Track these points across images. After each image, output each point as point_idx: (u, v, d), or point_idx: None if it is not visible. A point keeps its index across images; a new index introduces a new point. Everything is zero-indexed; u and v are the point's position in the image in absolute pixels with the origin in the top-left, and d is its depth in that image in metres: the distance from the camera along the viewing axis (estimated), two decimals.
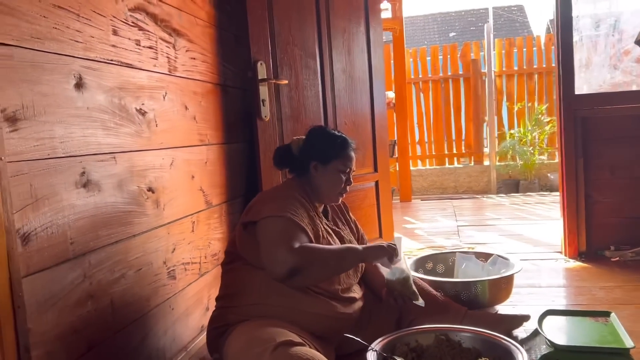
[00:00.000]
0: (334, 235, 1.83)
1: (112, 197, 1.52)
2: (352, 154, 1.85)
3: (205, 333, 1.78)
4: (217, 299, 1.78)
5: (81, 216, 1.39)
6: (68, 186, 1.34)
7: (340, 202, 1.90)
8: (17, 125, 1.19)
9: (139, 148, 1.66)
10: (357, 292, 1.84)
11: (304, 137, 1.89)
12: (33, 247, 1.22)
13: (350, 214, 2.05)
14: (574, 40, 2.91)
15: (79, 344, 1.36)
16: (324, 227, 1.79)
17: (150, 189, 1.72)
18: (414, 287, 1.74)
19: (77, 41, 1.39)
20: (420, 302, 1.74)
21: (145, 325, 1.67)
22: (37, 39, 1.26)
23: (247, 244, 1.69)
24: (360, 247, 1.70)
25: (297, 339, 1.47)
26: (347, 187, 1.85)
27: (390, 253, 1.68)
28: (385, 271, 1.81)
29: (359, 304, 1.82)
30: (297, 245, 1.55)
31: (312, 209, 1.77)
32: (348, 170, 1.83)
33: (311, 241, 1.64)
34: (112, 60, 1.54)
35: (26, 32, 1.22)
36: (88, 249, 1.41)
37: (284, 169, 1.93)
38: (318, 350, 1.53)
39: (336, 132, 1.89)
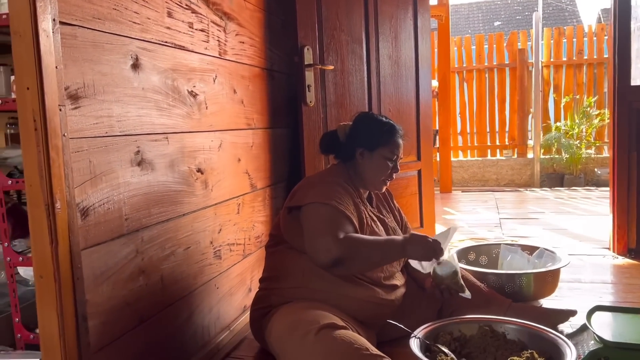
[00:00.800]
0: (378, 222, 1.82)
1: (164, 177, 1.55)
2: (400, 141, 1.83)
3: (249, 313, 1.81)
4: (261, 281, 1.81)
5: (135, 193, 1.43)
6: (124, 164, 1.38)
7: (384, 190, 1.89)
8: (78, 103, 1.23)
9: (189, 129, 1.70)
10: (399, 280, 1.83)
11: (350, 123, 1.89)
12: (91, 222, 1.27)
13: (395, 202, 2.04)
14: (631, 29, 2.80)
15: (131, 317, 1.41)
16: (368, 214, 1.79)
17: (199, 170, 1.75)
18: (461, 281, 1.69)
19: (134, 22, 1.43)
20: (467, 294, 1.70)
21: (192, 302, 1.71)
22: (98, 20, 1.29)
23: (291, 228, 1.70)
24: (402, 240, 1.60)
25: (341, 323, 1.48)
26: (393, 175, 1.83)
27: (433, 254, 1.58)
28: (420, 265, 1.71)
29: (401, 290, 1.81)
30: (342, 235, 1.55)
31: (357, 196, 1.77)
32: (395, 157, 1.81)
33: (356, 229, 1.64)
34: (166, 42, 1.57)
35: (88, 12, 1.26)
36: (141, 225, 1.45)
37: (329, 155, 1.93)
38: (360, 335, 1.53)
39: (384, 119, 1.87)
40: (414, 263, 1.70)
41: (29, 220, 1.16)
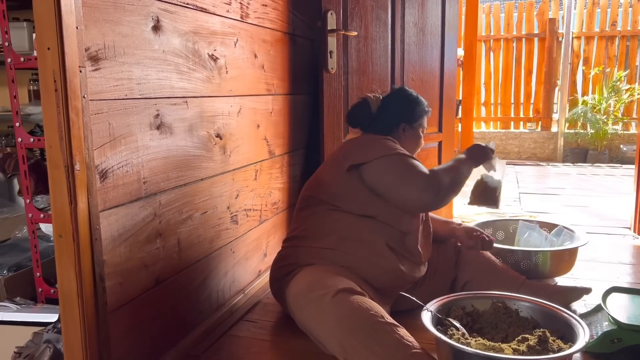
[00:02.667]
0: None
1: (182, 141, 1.55)
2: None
3: (269, 272, 1.83)
4: (288, 239, 1.81)
5: (154, 157, 1.43)
6: (143, 127, 1.38)
7: None
8: (99, 65, 1.22)
9: (209, 94, 1.68)
10: (427, 254, 1.85)
11: (379, 95, 1.92)
12: (109, 184, 1.28)
13: None
14: None
15: (147, 278, 1.44)
16: None
17: (218, 135, 1.75)
18: (500, 196, 1.93)
19: None
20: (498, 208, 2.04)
21: (208, 266, 1.74)
22: None
23: (349, 186, 1.71)
24: (464, 154, 1.86)
25: (358, 289, 1.50)
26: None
27: (490, 155, 1.89)
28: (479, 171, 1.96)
29: (424, 267, 1.82)
30: (427, 171, 1.68)
31: None
32: (424, 128, 1.96)
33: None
34: (188, 3, 1.54)
35: None
36: (159, 189, 1.46)
37: (357, 127, 1.94)
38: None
39: (417, 95, 1.96)
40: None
41: (49, 180, 1.17)
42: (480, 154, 1.87)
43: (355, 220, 1.69)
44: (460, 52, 5.32)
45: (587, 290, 1.91)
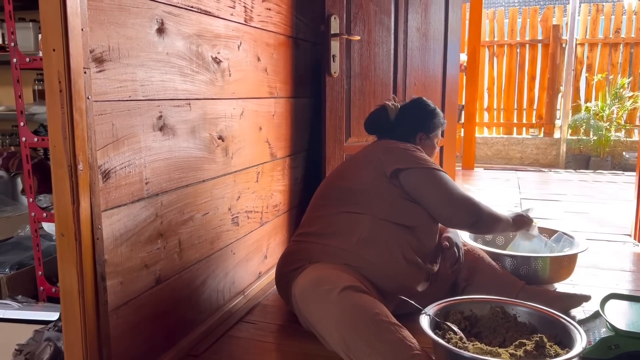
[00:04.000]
0: None
1: (185, 142, 1.57)
2: None
3: (276, 268, 1.83)
4: (301, 234, 1.81)
5: (156, 158, 1.44)
6: (146, 128, 1.40)
7: None
8: (103, 66, 1.24)
9: (212, 96, 1.70)
10: (437, 266, 1.88)
11: (397, 103, 2.00)
12: (112, 184, 1.29)
13: None
14: None
15: (148, 278, 1.45)
16: None
17: (220, 137, 1.76)
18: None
19: None
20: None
21: (208, 267, 1.75)
22: None
23: (388, 190, 1.75)
24: (513, 217, 1.97)
25: (364, 288, 1.51)
26: None
27: (530, 223, 2.04)
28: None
29: (428, 281, 1.86)
30: (476, 199, 1.76)
31: None
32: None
33: None
34: (192, 7, 1.56)
35: None
36: (161, 189, 1.47)
37: (374, 134, 2.00)
38: None
39: (434, 105, 2.04)
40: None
41: (52, 180, 1.19)
42: (523, 224, 2.03)
43: (379, 226, 1.70)
44: (464, 57, 5.34)
45: (586, 298, 1.91)
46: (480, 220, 1.76)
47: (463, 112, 5.44)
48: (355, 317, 1.39)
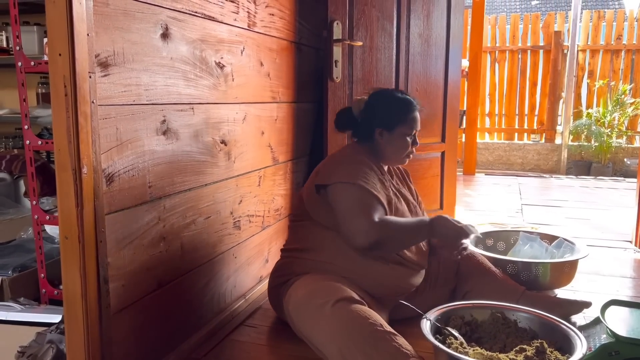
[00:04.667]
0: (401, 198, 1.84)
1: (188, 146, 1.58)
2: (417, 114, 1.82)
3: (268, 281, 1.85)
4: (284, 250, 1.84)
5: (159, 162, 1.45)
6: (149, 132, 1.41)
7: (407, 163, 1.89)
8: (108, 71, 1.25)
9: (215, 101, 1.71)
10: (423, 262, 1.84)
11: (365, 97, 1.85)
12: (115, 188, 1.30)
13: (410, 180, 2.04)
14: None
15: (150, 281, 1.46)
16: (394, 190, 1.82)
17: (223, 142, 1.77)
18: None
19: None
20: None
21: (210, 270, 1.76)
22: None
23: (317, 205, 1.72)
24: (431, 221, 1.64)
25: (357, 297, 1.51)
26: (414, 149, 1.85)
27: (458, 237, 1.62)
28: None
29: (422, 274, 1.83)
30: (376, 218, 1.58)
31: (381, 173, 1.79)
32: (414, 132, 1.82)
33: (385, 210, 1.66)
34: (196, 12, 1.57)
35: None
36: (164, 193, 1.48)
37: (345, 132, 1.94)
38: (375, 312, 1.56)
39: (399, 95, 1.85)
40: None
41: (57, 183, 1.19)
42: (449, 233, 1.63)
43: (335, 235, 1.68)
44: (465, 62, 5.35)
45: (587, 304, 1.91)
46: (380, 244, 1.57)
47: (464, 118, 5.45)
48: (350, 329, 1.40)
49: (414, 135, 1.82)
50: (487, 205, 4.00)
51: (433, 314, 1.57)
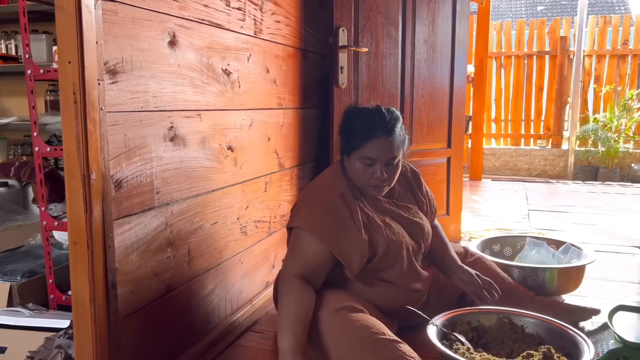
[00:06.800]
0: (395, 215, 1.73)
1: (195, 153, 1.59)
2: (384, 139, 1.55)
3: (273, 287, 1.85)
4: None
5: (167, 168, 1.47)
6: (157, 139, 1.42)
7: (382, 194, 1.69)
8: (116, 78, 1.26)
9: (222, 107, 1.72)
10: (424, 283, 1.77)
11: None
12: (124, 194, 1.31)
13: (424, 186, 1.92)
14: None
15: (158, 287, 1.46)
16: (380, 213, 1.70)
17: (229, 148, 1.78)
18: None
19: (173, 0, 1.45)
20: None
21: (217, 276, 1.76)
22: None
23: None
24: (287, 347, 1.36)
25: (358, 306, 1.51)
26: (386, 180, 1.60)
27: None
28: None
29: (422, 292, 1.77)
30: (294, 278, 1.49)
31: (360, 200, 1.65)
32: (373, 161, 1.57)
33: (328, 265, 1.57)
34: (203, 19, 1.59)
35: None
36: (171, 199, 1.49)
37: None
38: (380, 320, 1.55)
39: (364, 112, 1.62)
40: None
41: (66, 189, 1.21)
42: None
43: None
44: (471, 68, 5.35)
45: (596, 312, 1.90)
46: (278, 289, 1.55)
47: (470, 123, 5.45)
48: (351, 338, 1.39)
49: (378, 164, 1.57)
50: (494, 210, 3.99)
51: (439, 320, 1.57)
